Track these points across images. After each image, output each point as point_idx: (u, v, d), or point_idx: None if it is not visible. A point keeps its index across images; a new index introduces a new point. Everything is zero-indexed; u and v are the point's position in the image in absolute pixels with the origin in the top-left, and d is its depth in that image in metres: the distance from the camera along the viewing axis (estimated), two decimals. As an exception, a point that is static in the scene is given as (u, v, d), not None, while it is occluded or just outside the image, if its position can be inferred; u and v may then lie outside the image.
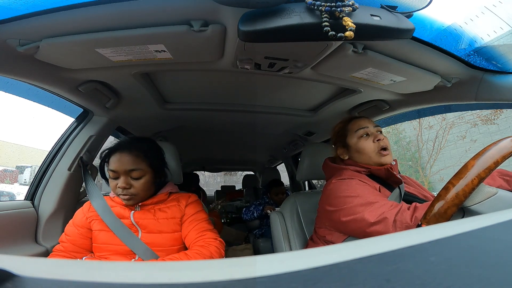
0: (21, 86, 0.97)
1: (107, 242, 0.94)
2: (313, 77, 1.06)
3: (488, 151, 0.57)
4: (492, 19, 0.83)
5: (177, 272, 0.22)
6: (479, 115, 6.49)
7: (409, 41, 0.83)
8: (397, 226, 0.74)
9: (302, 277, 0.20)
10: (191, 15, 0.70)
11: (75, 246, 0.96)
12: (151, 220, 0.96)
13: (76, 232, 0.97)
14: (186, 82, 1.21)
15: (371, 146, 0.97)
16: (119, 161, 0.93)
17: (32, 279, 0.20)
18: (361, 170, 0.98)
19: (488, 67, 0.96)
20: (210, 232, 0.98)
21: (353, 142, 1.00)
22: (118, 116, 1.38)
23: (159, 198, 1.00)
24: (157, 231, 0.96)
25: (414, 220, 0.72)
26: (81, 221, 0.99)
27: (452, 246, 0.24)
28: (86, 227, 0.98)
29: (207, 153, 3.04)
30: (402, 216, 0.74)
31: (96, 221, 0.97)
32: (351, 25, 0.57)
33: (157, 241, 0.95)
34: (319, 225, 1.02)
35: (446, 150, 7.31)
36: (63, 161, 1.25)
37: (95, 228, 0.97)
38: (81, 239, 0.97)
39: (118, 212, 0.97)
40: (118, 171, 0.93)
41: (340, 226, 0.90)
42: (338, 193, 0.91)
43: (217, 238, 0.97)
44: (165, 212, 0.98)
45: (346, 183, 0.92)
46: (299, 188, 2.89)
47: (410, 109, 1.36)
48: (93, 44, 0.77)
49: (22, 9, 0.67)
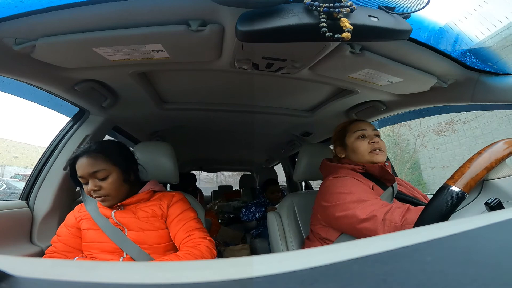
0: (17, 85, 0.97)
1: (95, 240, 0.97)
2: (311, 78, 1.06)
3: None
4: (485, 18, 0.83)
5: (174, 272, 0.22)
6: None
7: (406, 42, 0.83)
8: (386, 225, 0.77)
9: (299, 277, 0.20)
10: (189, 14, 0.70)
11: (66, 246, 0.99)
12: (132, 218, 0.97)
13: (67, 232, 1.01)
14: (184, 82, 1.21)
15: (365, 147, 1.03)
16: (81, 166, 0.94)
17: (27, 279, 0.20)
18: (356, 168, 1.02)
19: (484, 68, 0.97)
20: (199, 232, 0.97)
21: (350, 141, 1.06)
22: (114, 115, 1.37)
23: (139, 197, 1.01)
24: (139, 229, 0.96)
25: (403, 221, 0.74)
26: (71, 222, 1.02)
27: (449, 246, 0.25)
28: (76, 227, 1.01)
29: (204, 153, 3.04)
30: (392, 216, 0.77)
31: (84, 220, 1.01)
32: (348, 26, 0.57)
33: (141, 239, 0.96)
34: (314, 222, 1.06)
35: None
36: (59, 161, 1.24)
37: (83, 227, 1.00)
38: (72, 239, 1.00)
39: (103, 213, 0.99)
40: (83, 176, 0.94)
41: (333, 221, 0.93)
42: (333, 189, 0.95)
43: (206, 237, 0.97)
44: (145, 211, 0.99)
45: (342, 180, 0.97)
46: (296, 189, 2.90)
47: (407, 110, 1.37)
48: (90, 43, 0.77)
49: (19, 8, 0.66)
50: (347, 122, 1.13)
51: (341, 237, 0.95)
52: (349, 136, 1.07)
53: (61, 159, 1.24)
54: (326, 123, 1.68)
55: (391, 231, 0.75)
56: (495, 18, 0.85)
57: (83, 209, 1.03)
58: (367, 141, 1.04)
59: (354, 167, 1.03)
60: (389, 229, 0.76)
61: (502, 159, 0.57)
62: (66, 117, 1.32)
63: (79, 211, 1.04)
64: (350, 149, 1.06)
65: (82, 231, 1.00)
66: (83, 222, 1.01)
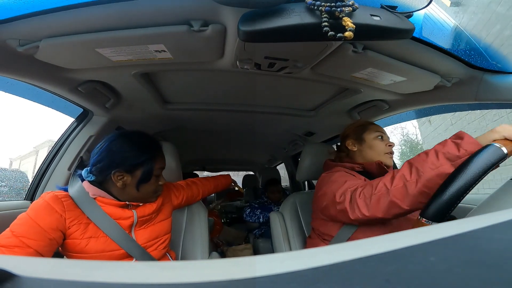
0: (21, 86, 0.97)
1: (100, 250, 0.83)
2: (313, 77, 1.06)
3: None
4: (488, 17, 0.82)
5: (177, 272, 0.22)
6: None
7: (409, 41, 0.83)
8: (354, 204, 0.81)
9: (302, 277, 0.20)
10: (191, 15, 0.70)
11: (38, 254, 0.72)
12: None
13: (45, 237, 0.74)
14: (186, 82, 1.21)
15: (383, 147, 1.08)
16: (163, 159, 0.97)
17: (32, 279, 0.20)
18: (355, 167, 1.06)
19: (488, 67, 0.96)
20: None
21: (369, 138, 1.10)
22: (118, 116, 1.38)
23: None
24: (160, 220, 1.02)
25: (367, 193, 0.79)
26: (55, 222, 0.77)
27: (452, 246, 0.24)
28: (61, 231, 0.78)
29: (207, 153, 3.04)
30: (355, 193, 0.82)
31: (77, 225, 0.80)
32: (351, 25, 0.57)
33: (158, 230, 0.99)
34: (314, 217, 1.11)
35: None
36: (63, 161, 1.25)
37: (76, 236, 0.80)
38: (48, 247, 0.75)
39: (115, 214, 0.87)
40: (163, 167, 0.97)
41: (325, 211, 0.98)
42: (324, 182, 1.02)
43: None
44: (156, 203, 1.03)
45: (332, 173, 1.03)
46: (299, 188, 2.89)
47: (410, 109, 1.36)
48: (93, 44, 0.77)
49: (22, 9, 0.67)
50: (367, 122, 1.17)
51: (341, 231, 0.97)
52: (369, 133, 1.11)
53: (65, 159, 1.25)
54: (329, 122, 1.67)
55: (360, 207, 0.80)
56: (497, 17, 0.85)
57: (71, 207, 0.81)
58: (384, 143, 1.09)
59: (353, 165, 1.07)
60: (357, 207, 0.80)
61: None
62: (70, 118, 1.33)
63: (66, 210, 0.80)
64: (367, 144, 1.09)
65: (72, 240, 0.80)
66: (74, 227, 0.80)
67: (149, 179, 0.90)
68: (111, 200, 0.87)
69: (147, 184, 0.90)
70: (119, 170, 0.85)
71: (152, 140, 0.95)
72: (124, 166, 0.85)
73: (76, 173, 0.92)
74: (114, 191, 0.88)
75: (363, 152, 1.10)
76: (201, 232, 1.24)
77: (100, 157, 0.86)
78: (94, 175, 0.87)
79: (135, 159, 0.86)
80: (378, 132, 1.11)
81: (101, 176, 0.86)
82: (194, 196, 1.26)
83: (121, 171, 0.85)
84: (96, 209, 0.84)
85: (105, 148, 0.87)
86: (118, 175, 0.85)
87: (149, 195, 0.93)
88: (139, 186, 0.88)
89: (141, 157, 0.87)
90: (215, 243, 2.48)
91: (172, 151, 1.26)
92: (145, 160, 0.88)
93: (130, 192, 0.89)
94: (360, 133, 1.12)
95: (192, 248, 1.21)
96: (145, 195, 0.92)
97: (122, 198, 0.89)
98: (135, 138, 0.91)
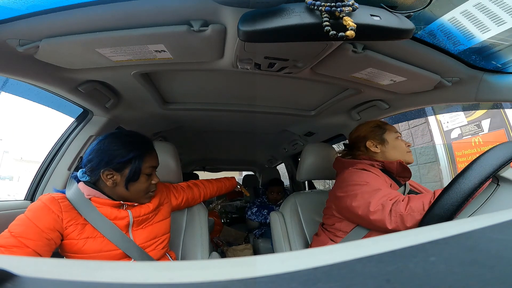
0: (21, 86, 0.97)
1: (97, 250, 0.83)
2: (313, 77, 1.06)
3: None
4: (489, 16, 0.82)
5: (177, 272, 0.22)
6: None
7: (409, 41, 0.83)
8: (392, 216, 0.83)
9: (302, 277, 0.20)
10: (191, 15, 0.70)
11: (37, 254, 0.74)
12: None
13: (42, 236, 0.75)
14: (186, 82, 1.21)
15: (404, 147, 1.13)
16: (155, 157, 0.96)
17: (32, 279, 0.20)
18: (375, 164, 1.08)
19: (488, 67, 0.96)
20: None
21: (391, 138, 1.13)
22: (118, 116, 1.38)
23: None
24: (158, 220, 1.01)
25: (408, 209, 0.81)
26: (52, 223, 0.78)
27: (452, 246, 0.24)
28: (58, 232, 0.79)
29: (207, 153, 3.04)
30: (397, 207, 0.83)
31: (74, 226, 0.82)
32: (352, 24, 0.57)
33: (156, 230, 0.99)
34: (327, 214, 1.12)
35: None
36: (63, 161, 1.25)
37: (73, 236, 0.81)
38: (46, 247, 0.76)
39: (110, 215, 0.88)
40: (156, 166, 0.96)
41: (346, 212, 0.98)
42: (350, 181, 1.00)
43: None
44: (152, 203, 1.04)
45: (359, 172, 1.02)
46: (299, 188, 2.89)
47: (410, 109, 1.36)
48: (93, 44, 0.77)
49: (22, 9, 0.67)
50: (382, 122, 1.20)
51: (355, 230, 1.00)
52: (389, 134, 1.13)
53: (65, 159, 1.25)
54: (329, 122, 1.67)
55: (397, 221, 0.81)
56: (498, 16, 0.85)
57: (67, 208, 0.82)
58: (404, 142, 1.13)
59: (373, 162, 1.08)
60: (395, 219, 0.82)
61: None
62: (70, 118, 1.33)
63: (63, 210, 0.81)
64: (391, 145, 1.12)
65: (70, 241, 0.81)
66: (71, 227, 0.81)
67: (137, 178, 0.90)
68: (106, 200, 0.88)
69: (136, 182, 0.90)
70: (108, 169, 0.86)
71: (141, 139, 0.94)
72: (112, 165, 0.86)
73: (72, 175, 0.93)
74: (107, 190, 0.89)
75: (387, 153, 1.12)
76: (201, 232, 1.24)
77: (91, 157, 0.87)
78: (88, 175, 0.88)
79: (121, 157, 0.86)
80: (397, 132, 1.14)
81: (93, 175, 0.87)
82: (194, 198, 1.26)
83: (111, 170, 0.86)
84: (91, 210, 0.85)
85: (95, 147, 0.88)
86: (107, 174, 0.86)
87: (140, 194, 0.93)
88: (128, 185, 0.88)
89: (128, 155, 0.87)
90: (215, 243, 2.48)
91: (172, 151, 1.26)
92: (132, 158, 0.88)
93: (120, 191, 0.89)
94: (380, 134, 1.14)
95: (192, 248, 1.21)
96: (135, 195, 0.91)
97: (115, 197, 0.90)
98: (124, 137, 0.91)
